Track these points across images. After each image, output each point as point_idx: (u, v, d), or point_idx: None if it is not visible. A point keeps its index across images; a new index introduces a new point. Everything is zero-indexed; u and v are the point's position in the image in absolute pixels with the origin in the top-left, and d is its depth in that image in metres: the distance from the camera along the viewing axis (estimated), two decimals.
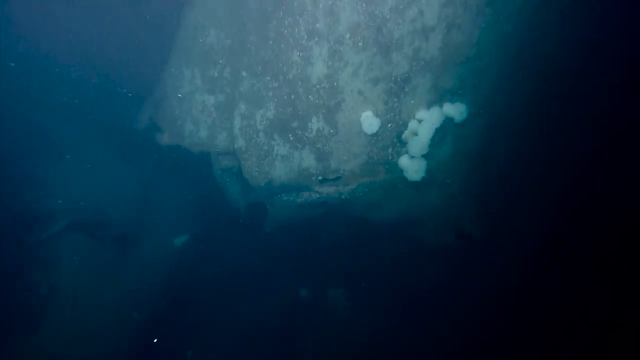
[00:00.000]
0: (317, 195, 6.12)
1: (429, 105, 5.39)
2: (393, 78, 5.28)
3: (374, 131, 5.47)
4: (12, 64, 5.95)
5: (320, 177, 5.90)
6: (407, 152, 5.59)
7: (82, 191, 6.69)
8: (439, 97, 5.37)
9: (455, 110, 5.37)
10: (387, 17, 4.98)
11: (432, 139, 5.45)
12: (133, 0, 6.27)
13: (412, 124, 5.42)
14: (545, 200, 5.51)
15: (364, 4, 4.99)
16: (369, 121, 5.41)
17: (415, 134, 5.43)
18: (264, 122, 5.84)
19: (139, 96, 6.97)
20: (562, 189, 5.30)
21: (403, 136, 5.50)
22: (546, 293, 5.24)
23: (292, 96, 5.55)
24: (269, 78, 5.62)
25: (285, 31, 5.34)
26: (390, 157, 5.67)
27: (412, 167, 5.56)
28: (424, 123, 5.37)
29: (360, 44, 5.16)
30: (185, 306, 7.55)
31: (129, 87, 6.91)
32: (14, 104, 6.44)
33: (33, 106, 6.60)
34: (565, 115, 5.20)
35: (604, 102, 4.94)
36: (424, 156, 5.57)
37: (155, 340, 6.63)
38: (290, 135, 5.77)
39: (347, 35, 5.16)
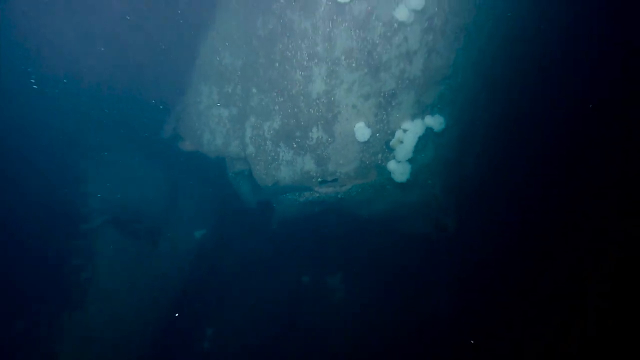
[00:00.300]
0: (317, 195, 6.46)
1: (412, 118, 5.85)
2: (382, 94, 5.65)
3: (366, 139, 5.82)
4: (65, 81, 6.51)
5: (319, 179, 6.20)
6: (394, 158, 5.98)
7: (118, 191, 7.29)
8: (421, 111, 5.84)
9: (435, 121, 5.86)
10: (377, 42, 5.37)
11: (416, 146, 5.87)
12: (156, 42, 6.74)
13: (399, 133, 5.85)
14: (513, 198, 5.99)
15: (357, 31, 5.37)
16: (361, 131, 5.77)
17: (401, 141, 5.86)
18: (271, 132, 6.19)
19: (166, 107, 7.34)
20: (527, 187, 5.73)
21: (391, 144, 5.89)
22: (513, 279, 5.80)
23: (295, 109, 5.91)
24: (275, 94, 5.96)
25: (289, 54, 5.65)
26: (379, 162, 6.07)
27: (398, 170, 5.97)
28: (409, 132, 5.82)
29: (353, 65, 5.50)
30: (204, 290, 8.01)
31: (157, 100, 7.47)
32: (63, 117, 7.15)
33: (79, 119, 7.30)
34: (529, 124, 5.68)
35: (561, 113, 5.54)
36: (409, 161, 5.99)
37: (177, 315, 7.17)
38: (293, 143, 6.11)
39: (343, 58, 5.47)
